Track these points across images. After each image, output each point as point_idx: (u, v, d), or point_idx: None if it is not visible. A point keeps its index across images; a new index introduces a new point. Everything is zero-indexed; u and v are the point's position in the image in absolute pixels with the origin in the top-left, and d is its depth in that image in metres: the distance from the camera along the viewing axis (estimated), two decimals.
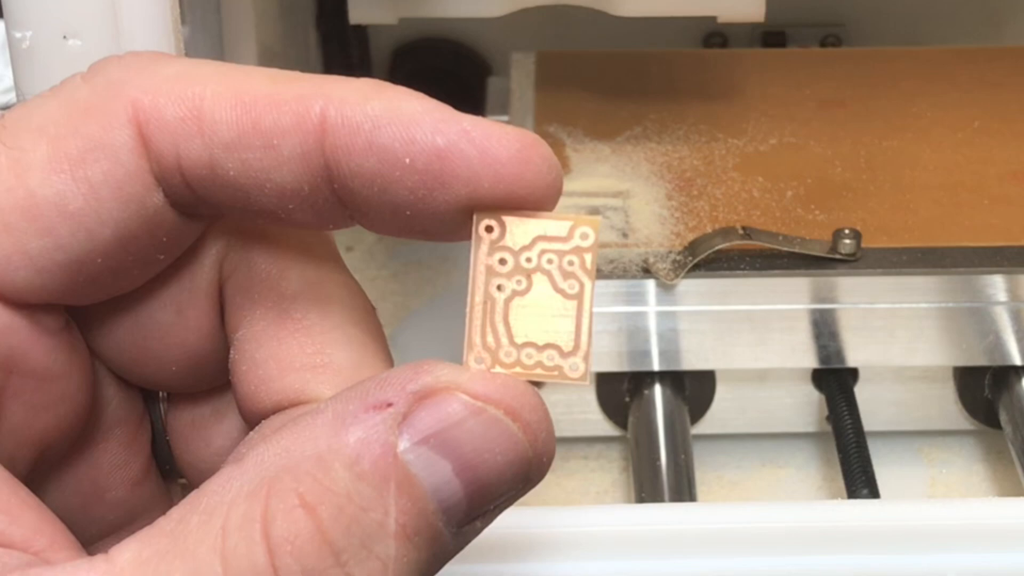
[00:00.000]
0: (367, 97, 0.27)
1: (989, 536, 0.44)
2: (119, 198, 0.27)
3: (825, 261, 0.51)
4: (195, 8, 0.54)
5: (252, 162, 0.27)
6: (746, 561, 0.44)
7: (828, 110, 0.60)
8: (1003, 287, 0.50)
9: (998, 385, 0.52)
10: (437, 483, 0.25)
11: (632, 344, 0.51)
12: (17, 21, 0.39)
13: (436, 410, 0.26)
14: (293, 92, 0.27)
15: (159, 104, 0.27)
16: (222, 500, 0.25)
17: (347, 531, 0.25)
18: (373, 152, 0.26)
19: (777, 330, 0.51)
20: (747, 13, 0.54)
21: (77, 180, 0.27)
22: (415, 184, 0.26)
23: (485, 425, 0.26)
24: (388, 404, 0.26)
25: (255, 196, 0.27)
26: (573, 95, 0.61)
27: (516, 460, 0.26)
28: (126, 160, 0.27)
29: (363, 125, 0.26)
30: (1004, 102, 0.60)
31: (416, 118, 0.26)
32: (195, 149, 0.27)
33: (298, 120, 0.27)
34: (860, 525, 0.44)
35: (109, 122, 0.27)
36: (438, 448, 0.25)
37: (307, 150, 0.27)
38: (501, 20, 0.56)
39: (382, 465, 0.25)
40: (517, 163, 0.26)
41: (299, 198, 0.27)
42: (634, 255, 0.51)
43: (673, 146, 0.57)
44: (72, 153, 0.27)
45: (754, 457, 0.54)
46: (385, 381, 0.26)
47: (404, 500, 0.25)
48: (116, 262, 0.28)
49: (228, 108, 0.27)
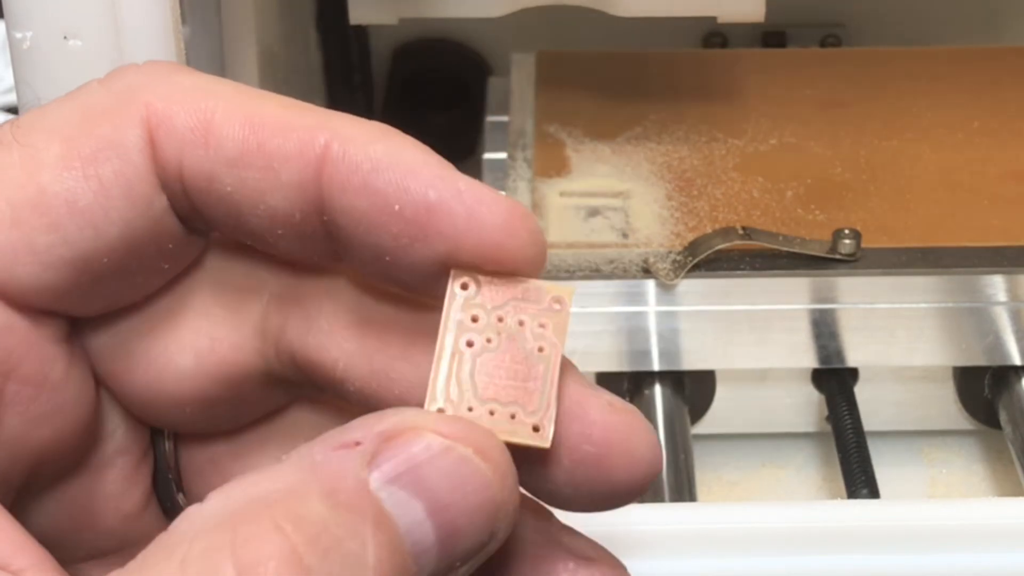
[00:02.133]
0: (373, 139, 0.27)
1: (989, 536, 0.44)
2: (127, 197, 0.27)
3: (825, 261, 0.51)
4: (195, 8, 0.54)
5: (250, 182, 0.27)
6: (746, 561, 0.44)
7: (828, 110, 0.60)
8: (1003, 287, 0.50)
9: (998, 385, 0.52)
10: (410, 524, 0.25)
11: (632, 344, 0.51)
12: (17, 21, 0.39)
13: (404, 448, 0.25)
14: (302, 121, 0.27)
15: (171, 111, 0.27)
16: (184, 536, 0.24)
17: (325, 558, 0.24)
18: (366, 193, 0.27)
19: (777, 330, 0.51)
20: (747, 13, 0.54)
21: (88, 177, 0.27)
22: (399, 231, 0.27)
23: (455, 463, 0.25)
24: (356, 443, 0.25)
25: (247, 216, 0.27)
26: (573, 95, 0.61)
27: (486, 502, 0.25)
28: (136, 160, 0.27)
29: (363, 165, 0.27)
30: (1004, 102, 0.60)
31: (415, 168, 0.27)
32: (198, 160, 0.27)
33: (301, 148, 0.27)
34: (860, 525, 0.44)
35: (122, 123, 0.27)
36: (409, 487, 0.25)
37: (304, 179, 0.27)
38: (501, 20, 0.56)
39: (357, 499, 0.24)
40: (502, 232, 0.26)
41: (289, 224, 0.27)
42: (634, 255, 0.51)
43: (673, 146, 0.57)
44: (84, 152, 0.27)
45: (754, 457, 0.54)
46: (349, 426, 0.26)
47: (381, 535, 0.24)
48: (121, 264, 0.28)
49: (237, 126, 0.27)
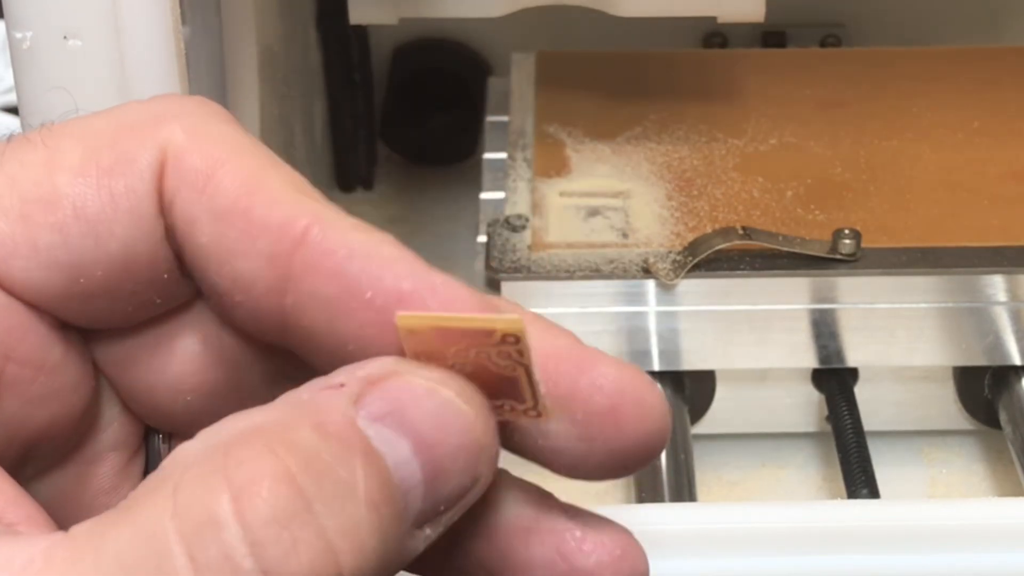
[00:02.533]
0: (353, 228, 0.27)
1: (989, 536, 0.44)
2: (133, 214, 0.28)
3: (825, 261, 0.51)
4: (195, 8, 0.54)
5: (226, 240, 0.27)
6: (746, 561, 0.44)
7: (828, 110, 0.60)
8: (1003, 287, 0.50)
9: (998, 385, 0.52)
10: (397, 460, 0.25)
11: (632, 344, 0.51)
12: (17, 21, 0.39)
13: (388, 390, 0.25)
14: (294, 199, 0.27)
15: (187, 147, 0.28)
16: (176, 466, 0.24)
17: (318, 481, 0.24)
18: (338, 278, 0.27)
19: (777, 330, 0.51)
20: (747, 13, 0.54)
21: (100, 187, 0.28)
22: (367, 320, 0.27)
23: (439, 405, 0.25)
24: (340, 384, 0.25)
25: (212, 273, 0.28)
26: (573, 95, 0.61)
27: (470, 443, 0.26)
28: (148, 179, 0.28)
29: (338, 250, 0.27)
30: (1004, 102, 0.60)
31: (390, 261, 0.27)
32: (189, 202, 0.27)
33: (283, 223, 0.27)
34: (860, 525, 0.44)
35: (142, 145, 0.28)
36: (395, 426, 0.25)
37: (276, 252, 0.27)
38: (501, 20, 0.56)
39: (346, 432, 0.25)
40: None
41: (249, 295, 0.27)
42: (634, 255, 0.51)
43: (673, 146, 0.57)
44: (103, 163, 0.28)
45: (754, 457, 0.54)
46: (331, 374, 0.26)
47: (370, 467, 0.25)
48: (114, 284, 0.28)
49: (237, 183, 0.27)
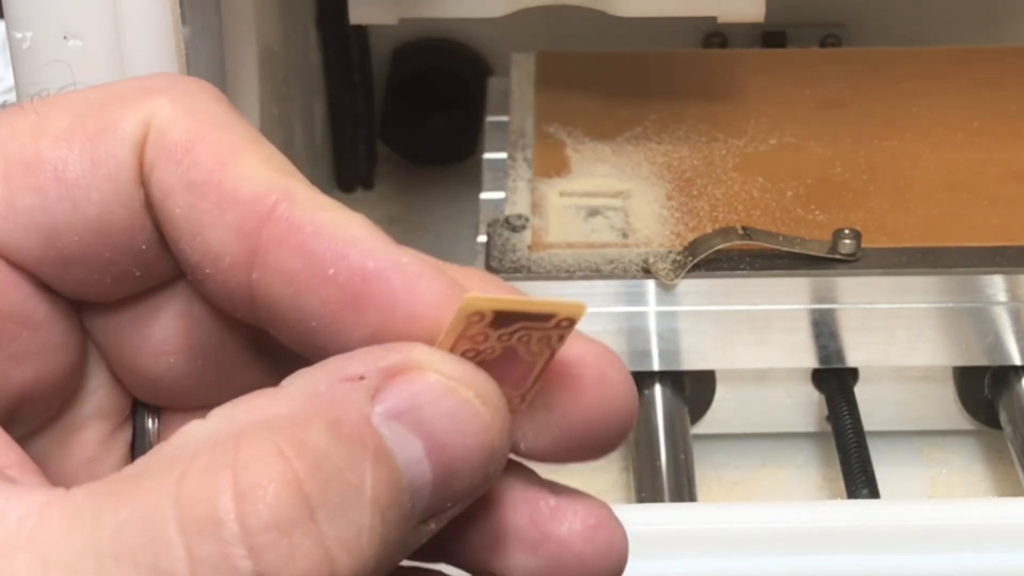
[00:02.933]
0: (322, 207, 0.27)
1: (989, 536, 0.44)
2: (113, 180, 0.28)
3: (825, 261, 0.51)
4: (195, 8, 0.54)
5: (197, 212, 0.27)
6: (746, 561, 0.44)
7: (828, 110, 0.60)
8: (1003, 287, 0.50)
9: (998, 385, 0.52)
10: (408, 460, 0.25)
11: (632, 344, 0.51)
12: (17, 21, 0.39)
13: (408, 386, 0.25)
14: (267, 176, 0.27)
15: (170, 120, 0.28)
16: (183, 450, 0.24)
17: (324, 487, 0.24)
18: (302, 253, 0.27)
19: (777, 330, 0.51)
20: (747, 13, 0.54)
21: (83, 152, 0.28)
22: (329, 297, 0.26)
23: (457, 405, 0.25)
24: (360, 376, 0.25)
25: (184, 244, 0.28)
26: (573, 95, 0.61)
27: (483, 446, 0.26)
28: (129, 148, 0.28)
29: (305, 227, 0.27)
30: (1004, 102, 0.60)
31: (357, 240, 0.27)
32: (167, 173, 0.28)
33: (254, 198, 0.27)
34: (860, 525, 0.44)
35: (127, 113, 0.28)
36: (410, 425, 0.25)
37: (245, 226, 0.27)
38: (501, 20, 0.56)
39: (360, 430, 0.24)
40: (441, 309, 0.26)
41: (216, 267, 0.27)
42: (634, 255, 0.51)
43: (673, 146, 0.57)
44: (88, 128, 0.28)
45: (754, 457, 0.54)
46: (354, 356, 0.26)
47: (380, 470, 0.24)
48: (92, 251, 0.28)
49: (213, 157, 0.27)
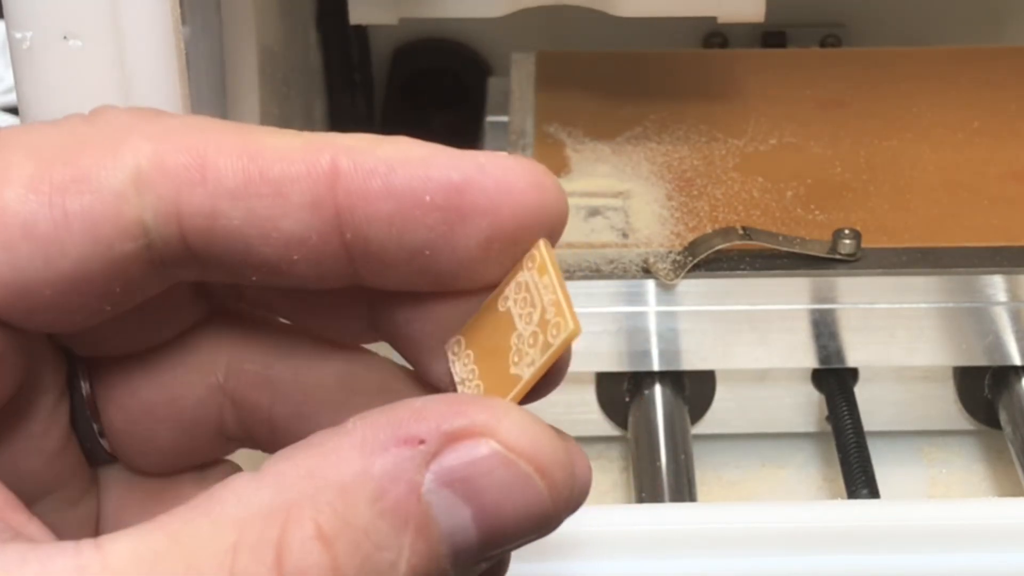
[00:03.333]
0: (377, 143, 0.27)
1: (989, 536, 0.44)
2: (89, 235, 0.27)
3: (825, 261, 0.51)
4: (195, 8, 0.54)
5: (260, 210, 0.27)
6: (746, 561, 0.44)
7: (828, 110, 0.60)
8: (1003, 287, 0.50)
9: (998, 385, 0.52)
10: (454, 527, 0.25)
11: (632, 344, 0.51)
12: (17, 21, 0.39)
13: (467, 455, 0.25)
14: (299, 143, 0.27)
15: (162, 151, 0.27)
16: (237, 514, 0.25)
17: (360, 569, 0.25)
18: (391, 194, 0.26)
19: (777, 330, 0.51)
20: (747, 13, 0.54)
21: (53, 205, 0.26)
22: (435, 221, 0.27)
23: (513, 478, 0.25)
24: (420, 441, 0.25)
25: (257, 247, 0.27)
26: (573, 95, 0.61)
27: (536, 516, 0.26)
28: (110, 200, 0.27)
29: (377, 168, 0.26)
30: (1004, 102, 0.60)
31: (428, 158, 0.27)
32: (197, 198, 0.27)
33: (308, 167, 0.27)
34: (860, 525, 0.44)
35: (105, 161, 0.27)
36: (462, 493, 0.25)
37: (318, 197, 0.27)
38: (501, 20, 0.56)
39: (404, 504, 0.25)
40: (533, 190, 0.27)
41: (305, 248, 0.27)
42: (634, 255, 0.51)
43: (673, 146, 0.57)
44: (56, 179, 0.26)
45: (754, 457, 0.54)
46: (419, 414, 0.26)
47: (419, 543, 0.25)
48: (63, 300, 0.27)
49: (234, 157, 0.27)
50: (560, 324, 0.27)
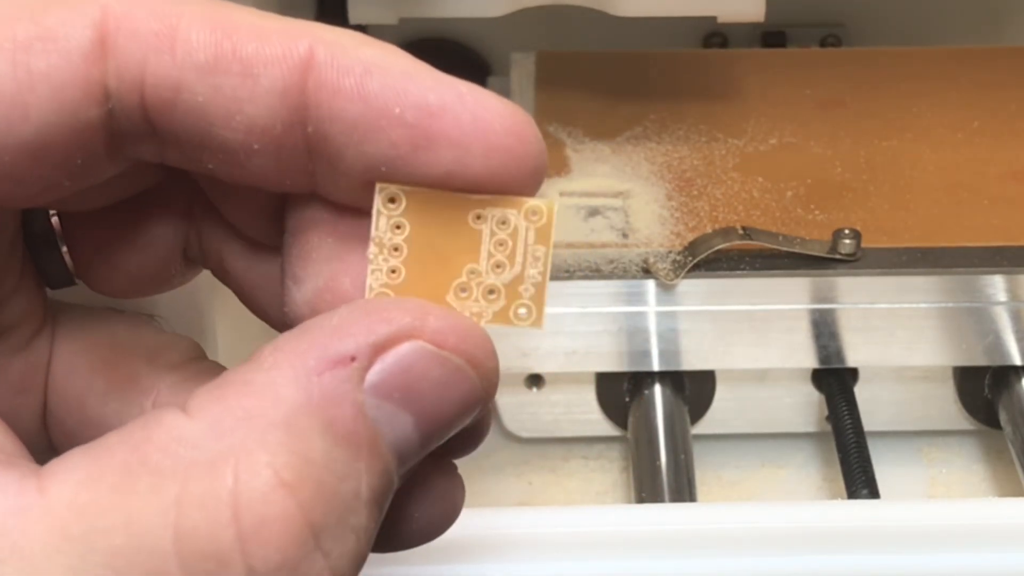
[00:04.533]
0: (360, 44, 0.26)
1: (989, 536, 0.44)
2: (55, 98, 0.25)
3: (825, 261, 0.51)
4: None
5: (226, 89, 0.25)
6: (746, 561, 0.44)
7: (828, 110, 0.60)
8: (1003, 287, 0.50)
9: (998, 385, 0.52)
10: (397, 436, 0.25)
11: (632, 344, 0.51)
12: None
13: (401, 362, 0.25)
14: (279, 26, 0.25)
15: (132, 13, 0.25)
16: (175, 464, 0.23)
17: (327, 507, 0.24)
18: (361, 97, 0.25)
19: (777, 330, 0.51)
20: (747, 13, 0.54)
21: (16, 64, 0.24)
22: (400, 138, 0.25)
23: (448, 374, 0.25)
24: (352, 358, 0.24)
25: (219, 129, 0.25)
26: (573, 95, 0.61)
27: (472, 404, 0.25)
28: (77, 62, 0.25)
29: (354, 68, 0.25)
30: (1004, 102, 0.60)
31: (410, 72, 0.25)
32: (164, 67, 0.25)
33: (284, 52, 0.25)
34: (860, 525, 0.44)
35: (71, 18, 0.25)
36: (401, 401, 0.25)
37: (288, 84, 0.25)
38: (501, 20, 0.56)
39: (354, 427, 0.24)
40: (510, 136, 0.25)
41: (267, 137, 0.25)
42: (634, 255, 0.51)
43: (673, 146, 0.57)
44: (19, 37, 0.24)
45: (754, 457, 0.54)
46: (342, 330, 0.25)
47: (374, 462, 0.24)
48: (23, 169, 0.25)
49: (207, 30, 0.25)
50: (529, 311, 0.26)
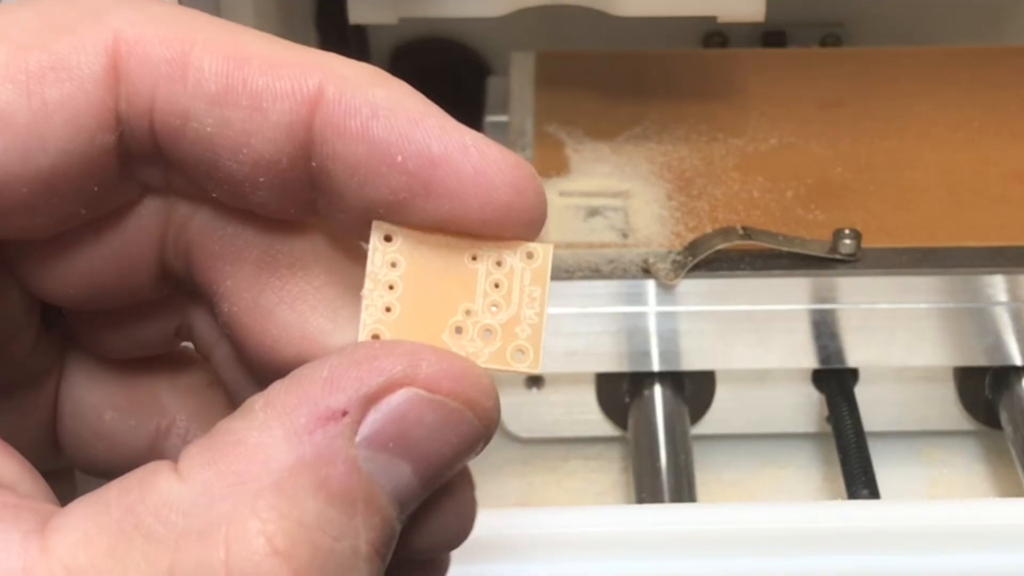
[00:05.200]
0: (371, 83, 0.25)
1: (989, 536, 0.44)
2: (71, 126, 0.25)
3: (825, 261, 0.51)
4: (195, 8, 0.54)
5: (235, 122, 0.25)
6: (746, 561, 0.44)
7: (828, 110, 0.60)
8: (1003, 287, 0.50)
9: (998, 385, 0.52)
10: (396, 485, 0.24)
11: (632, 344, 0.51)
12: None
13: (393, 413, 0.24)
14: (292, 58, 0.25)
15: (144, 40, 0.25)
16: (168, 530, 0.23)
17: (323, 571, 0.23)
18: (365, 140, 0.25)
19: (777, 330, 0.51)
20: (747, 13, 0.54)
21: (31, 95, 0.24)
22: (399, 185, 0.25)
23: (444, 419, 0.25)
24: (343, 412, 0.24)
25: (225, 161, 0.25)
26: (573, 95, 0.61)
27: (472, 444, 0.25)
28: (90, 89, 0.25)
29: (361, 109, 0.25)
30: (1004, 102, 0.60)
31: (418, 118, 0.25)
32: (174, 95, 0.25)
33: (293, 87, 0.25)
34: (860, 525, 0.44)
35: (83, 45, 0.25)
36: (397, 451, 0.24)
37: (295, 120, 0.25)
38: (501, 20, 0.56)
39: (348, 484, 0.24)
40: (510, 191, 0.25)
41: (273, 171, 0.25)
42: (634, 255, 0.51)
43: (673, 146, 0.57)
44: (32, 67, 0.24)
45: (754, 457, 0.54)
46: (333, 384, 0.24)
47: (372, 516, 0.24)
48: (40, 199, 0.25)
49: (219, 60, 0.25)
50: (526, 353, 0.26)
